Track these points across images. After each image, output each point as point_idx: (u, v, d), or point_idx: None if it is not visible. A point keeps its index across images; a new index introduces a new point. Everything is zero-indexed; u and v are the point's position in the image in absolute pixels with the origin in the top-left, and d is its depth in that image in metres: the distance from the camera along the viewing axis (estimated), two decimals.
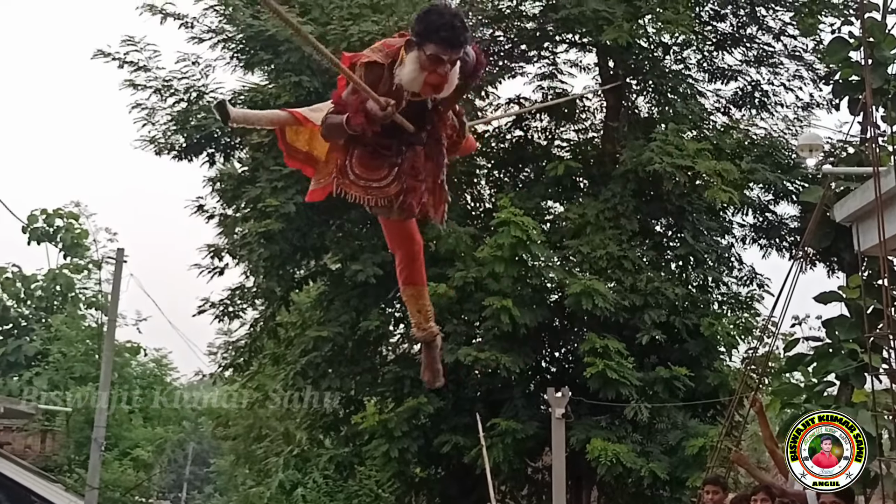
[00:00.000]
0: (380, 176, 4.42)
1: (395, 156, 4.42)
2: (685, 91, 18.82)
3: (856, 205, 10.90)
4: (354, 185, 4.45)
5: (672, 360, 16.34)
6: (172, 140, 18.27)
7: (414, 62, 4.06)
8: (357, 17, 17.55)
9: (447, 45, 4.04)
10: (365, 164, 4.42)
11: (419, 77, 4.06)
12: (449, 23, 4.07)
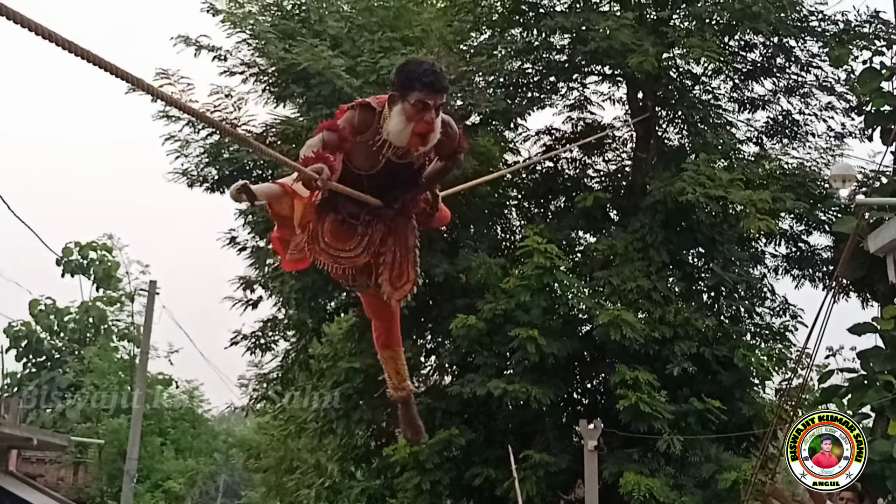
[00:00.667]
0: (349, 246, 4.46)
1: (364, 226, 4.46)
2: (715, 121, 18.80)
3: (890, 235, 10.84)
4: (324, 253, 4.47)
5: (705, 392, 16.21)
6: (205, 172, 18.40)
7: (399, 114, 4.09)
8: (387, 50, 17.71)
9: (430, 90, 4.07)
10: (335, 233, 4.45)
11: (406, 129, 4.08)
12: (429, 69, 4.13)
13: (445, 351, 18.00)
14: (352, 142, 4.19)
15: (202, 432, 35.46)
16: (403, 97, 4.09)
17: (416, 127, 4.08)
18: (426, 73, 4.09)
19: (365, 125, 4.20)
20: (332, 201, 4.39)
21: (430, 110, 4.08)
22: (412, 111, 4.07)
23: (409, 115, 4.07)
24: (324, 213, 4.43)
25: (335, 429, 18.60)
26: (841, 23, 18.68)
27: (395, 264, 4.57)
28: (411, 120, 4.07)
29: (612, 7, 19.11)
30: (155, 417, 31.47)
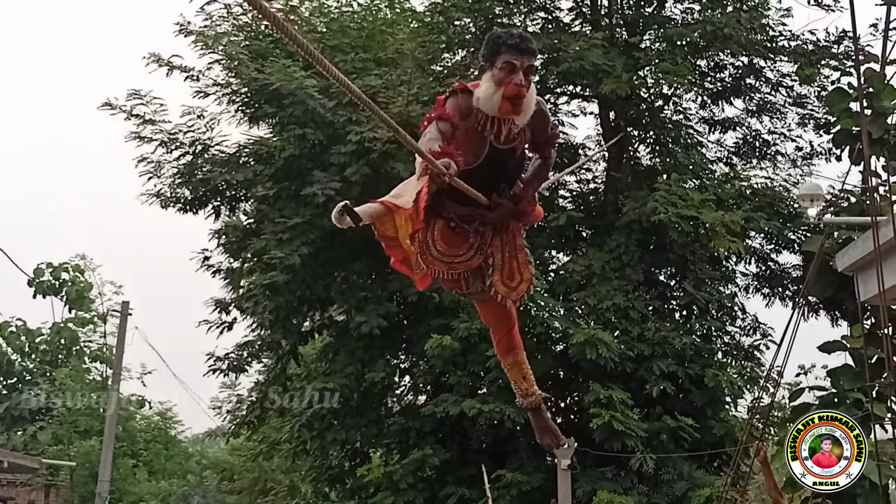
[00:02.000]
0: (462, 250, 4.38)
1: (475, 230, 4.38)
2: (686, 141, 18.98)
3: (857, 254, 10.92)
4: (438, 262, 4.37)
5: (677, 411, 16.31)
6: (178, 193, 18.37)
7: (488, 80, 4.09)
8: (360, 70, 17.77)
9: (517, 51, 4.07)
10: (446, 240, 4.35)
11: (496, 94, 4.06)
12: (515, 33, 4.17)
13: (419, 370, 18.02)
14: (461, 128, 4.15)
15: (175, 454, 35.25)
16: (492, 64, 4.10)
17: (506, 90, 4.05)
18: (511, 37, 4.11)
19: (468, 109, 4.16)
20: (439, 206, 4.30)
21: (518, 72, 4.05)
22: (500, 74, 4.05)
23: (497, 78, 4.06)
24: (432, 221, 4.33)
25: (309, 449, 18.56)
26: (810, 43, 18.93)
27: (505, 264, 4.50)
28: (500, 84, 4.05)
29: (584, 28, 19.28)
30: (128, 439, 31.26)
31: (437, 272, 4.40)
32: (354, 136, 16.48)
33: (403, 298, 17.04)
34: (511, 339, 4.79)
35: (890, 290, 9.17)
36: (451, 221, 4.33)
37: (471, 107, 4.16)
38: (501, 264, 4.48)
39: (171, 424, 35.17)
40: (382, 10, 20.45)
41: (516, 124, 4.21)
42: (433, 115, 4.16)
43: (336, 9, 20.03)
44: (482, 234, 4.41)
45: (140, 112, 18.30)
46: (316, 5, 20.05)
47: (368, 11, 20.05)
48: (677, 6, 19.77)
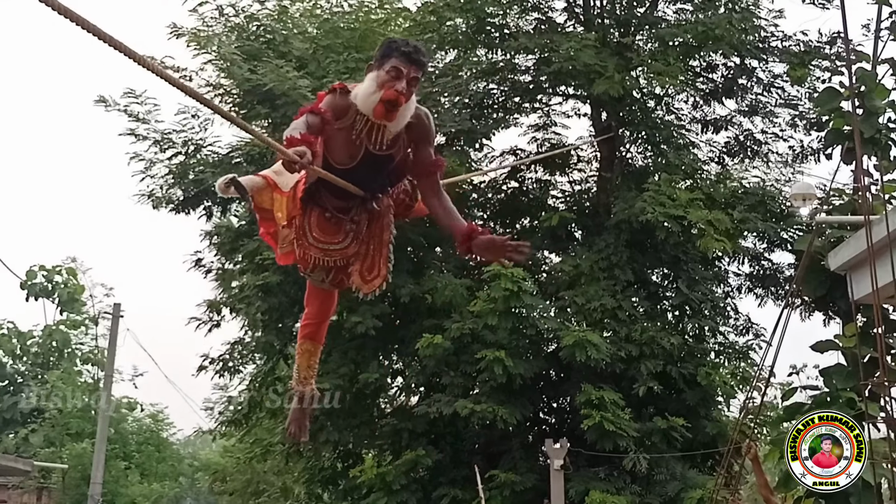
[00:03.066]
0: (337, 239, 4.45)
1: (351, 220, 4.45)
2: (678, 141, 18.99)
3: (849, 253, 10.93)
4: (313, 248, 4.45)
5: (669, 411, 16.31)
6: (170, 193, 18.36)
7: (372, 80, 4.08)
8: (353, 70, 17.75)
9: (407, 59, 4.07)
10: (322, 228, 4.44)
11: (375, 95, 4.04)
12: (410, 43, 4.17)
13: (412, 371, 18.00)
14: (332, 126, 4.14)
15: (167, 456, 35.18)
16: (380, 66, 4.09)
17: (385, 93, 4.04)
18: (405, 44, 4.12)
19: (344, 109, 4.16)
20: (316, 196, 4.37)
21: (402, 79, 4.05)
22: (384, 77, 4.04)
23: (380, 80, 4.05)
24: (309, 208, 4.41)
25: (301, 450, 18.52)
26: (802, 43, 18.95)
27: (368, 257, 4.55)
28: (381, 86, 4.04)
29: (576, 28, 19.28)
30: (120, 441, 31.19)
31: (312, 258, 4.46)
32: None
33: (396, 299, 17.02)
34: (319, 330, 4.90)
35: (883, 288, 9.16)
36: (326, 211, 4.40)
37: (347, 107, 4.16)
38: (364, 256, 4.54)
39: (162, 426, 35.09)
40: (374, 9, 20.43)
41: (389, 131, 4.20)
42: (305, 108, 4.16)
43: (327, 10, 20.02)
44: (358, 223, 4.46)
45: (134, 111, 18.31)
46: (308, 6, 20.02)
47: (360, 11, 20.02)
48: (669, 7, 19.80)
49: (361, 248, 4.53)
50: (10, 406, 33.35)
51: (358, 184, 4.30)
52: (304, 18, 19.91)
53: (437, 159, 4.42)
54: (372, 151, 4.23)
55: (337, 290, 4.78)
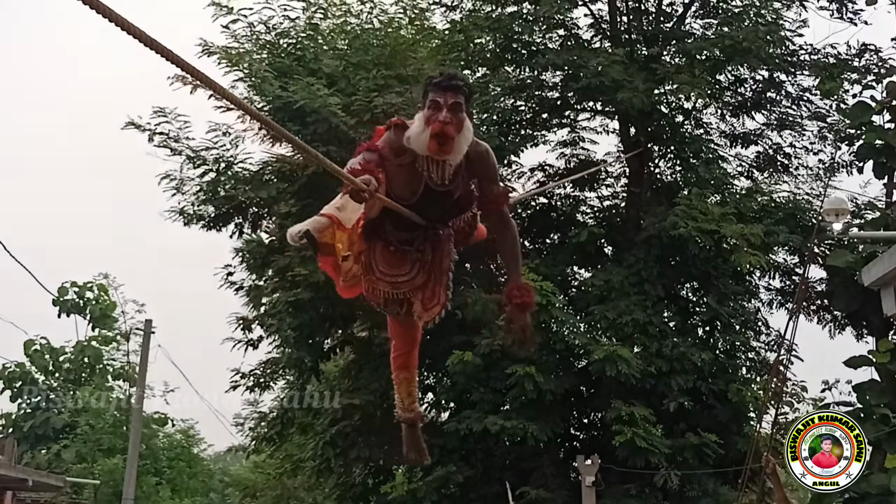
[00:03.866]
0: (404, 270, 4.48)
1: (416, 251, 4.48)
2: (707, 156, 18.94)
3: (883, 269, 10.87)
4: (381, 281, 4.49)
5: (701, 426, 16.23)
6: (201, 210, 18.47)
7: (419, 120, 4.12)
8: (382, 88, 17.83)
9: (440, 88, 4.11)
10: (388, 261, 4.47)
11: (425, 132, 4.07)
12: (444, 73, 4.23)
13: (442, 387, 18.00)
14: (391, 162, 4.18)
15: (198, 471, 35.29)
16: (423, 104, 4.15)
17: (433, 128, 4.06)
18: (438, 76, 4.18)
19: (401, 146, 4.19)
20: (379, 230, 4.41)
21: (442, 109, 4.07)
22: (427, 113, 4.09)
23: (425, 117, 4.09)
24: (372, 242, 4.46)
25: (332, 467, 18.54)
26: (831, 57, 18.88)
27: (429, 286, 4.57)
28: (427, 122, 4.08)
29: (603, 44, 19.30)
30: (151, 457, 31.32)
31: (381, 291, 4.51)
32: None
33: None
34: (410, 358, 5.03)
35: None
36: (390, 244, 4.44)
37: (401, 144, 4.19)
38: (425, 285, 4.56)
39: (193, 442, 35.21)
40: (404, 28, 20.52)
41: (449, 165, 4.23)
42: (363, 146, 4.23)
43: (357, 26, 20.12)
44: (423, 252, 4.49)
45: (164, 130, 18.44)
46: (338, 23, 20.13)
47: (390, 29, 20.12)
48: (696, 21, 19.79)
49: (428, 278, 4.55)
50: (42, 422, 33.53)
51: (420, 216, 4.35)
52: (334, 35, 20.02)
53: (502, 192, 4.46)
54: (432, 187, 4.27)
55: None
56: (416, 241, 4.46)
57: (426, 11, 20.50)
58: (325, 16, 20.01)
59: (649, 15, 19.71)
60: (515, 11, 18.87)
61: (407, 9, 20.50)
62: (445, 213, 4.48)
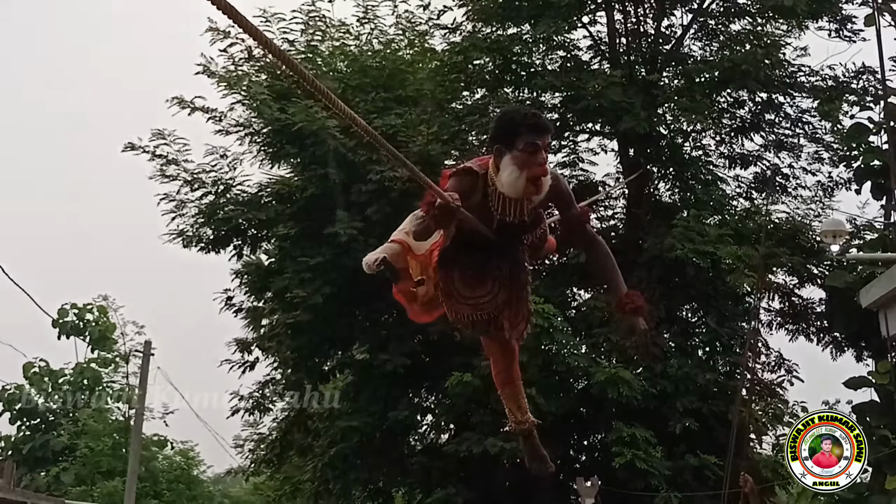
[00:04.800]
0: (484, 291, 4.46)
1: (494, 269, 4.46)
2: (706, 177, 18.95)
3: (881, 290, 10.88)
4: (464, 305, 4.48)
5: (701, 448, 16.16)
6: (200, 232, 18.49)
7: (509, 164, 4.02)
8: (381, 110, 17.89)
9: (537, 130, 4.04)
10: (467, 283, 4.45)
11: (521, 177, 4.01)
12: (529, 112, 4.15)
13: (442, 409, 17.96)
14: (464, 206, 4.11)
15: (197, 494, 35.13)
16: (510, 146, 4.03)
17: (530, 172, 4.02)
18: (528, 117, 4.09)
19: (469, 191, 4.14)
20: (453, 259, 4.40)
21: (541, 151, 4.03)
22: (523, 157, 4.01)
23: (520, 161, 4.01)
24: (448, 269, 4.44)
25: (332, 489, 18.48)
26: (829, 78, 18.93)
27: (512, 303, 4.57)
28: (524, 167, 4.01)
29: (602, 66, 19.35)
30: (150, 479, 31.19)
31: (465, 315, 4.50)
32: (375, 175, 16.57)
33: (425, 336, 17.02)
34: (511, 371, 5.02)
35: None
36: (466, 268, 4.42)
37: (473, 187, 4.16)
38: (510, 303, 4.57)
39: (193, 464, 35.07)
40: (402, 49, 20.59)
41: (532, 201, 4.21)
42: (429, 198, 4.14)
43: (356, 48, 20.19)
44: (501, 269, 4.48)
45: (163, 152, 18.49)
46: (337, 45, 20.20)
47: (388, 51, 20.19)
48: (695, 43, 19.85)
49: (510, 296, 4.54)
50: (41, 444, 33.40)
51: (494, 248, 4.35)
52: (334, 56, 20.08)
53: (582, 212, 4.48)
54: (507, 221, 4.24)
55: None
56: (493, 261, 4.44)
57: (425, 35, 20.58)
58: (323, 38, 20.08)
59: (648, 37, 19.76)
60: (515, 33, 18.92)
61: (406, 31, 20.59)
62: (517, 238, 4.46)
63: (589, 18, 19.52)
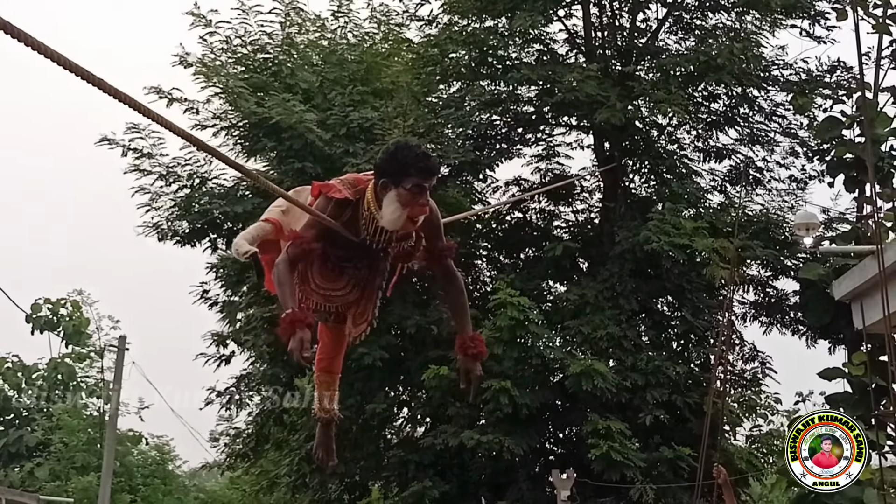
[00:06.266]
0: (339, 286, 4.57)
1: (354, 268, 4.56)
2: (680, 170, 19.04)
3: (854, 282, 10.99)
4: (315, 294, 4.57)
5: (675, 440, 16.26)
6: (175, 226, 18.40)
7: (394, 201, 4.08)
8: (358, 103, 17.87)
9: (427, 174, 4.10)
10: (324, 275, 4.54)
11: (402, 215, 4.10)
12: (421, 154, 4.15)
13: (418, 402, 17.98)
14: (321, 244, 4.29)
15: (173, 488, 35.03)
16: (398, 183, 4.07)
17: (412, 211, 4.11)
18: (420, 158, 4.10)
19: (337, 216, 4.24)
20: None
21: (425, 193, 4.11)
22: (407, 196, 4.06)
23: (404, 200, 4.06)
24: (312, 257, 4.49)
25: (308, 483, 18.48)
26: (803, 72, 19.05)
27: (361, 303, 4.68)
28: (407, 205, 4.08)
29: (578, 59, 19.40)
30: (125, 474, 31.09)
31: (315, 303, 4.60)
32: (351, 168, 16.55)
33: (402, 330, 17.04)
34: (335, 363, 5.13)
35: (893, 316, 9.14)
36: (328, 259, 4.51)
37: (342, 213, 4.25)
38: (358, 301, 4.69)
39: (168, 459, 34.97)
40: (378, 42, 20.58)
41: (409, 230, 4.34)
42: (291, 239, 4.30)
43: (333, 42, 20.16)
44: (360, 270, 4.59)
45: (138, 146, 18.39)
46: (314, 39, 20.16)
47: (365, 45, 20.17)
48: (671, 37, 19.94)
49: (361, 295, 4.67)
50: (15, 440, 33.26)
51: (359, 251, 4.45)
52: (310, 50, 20.04)
53: (447, 247, 4.52)
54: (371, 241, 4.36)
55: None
56: (354, 259, 4.53)
57: (401, 26, 20.58)
58: (299, 31, 20.04)
59: (623, 30, 19.83)
60: (491, 26, 18.95)
61: (381, 24, 20.57)
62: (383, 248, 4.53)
63: (565, 12, 19.56)
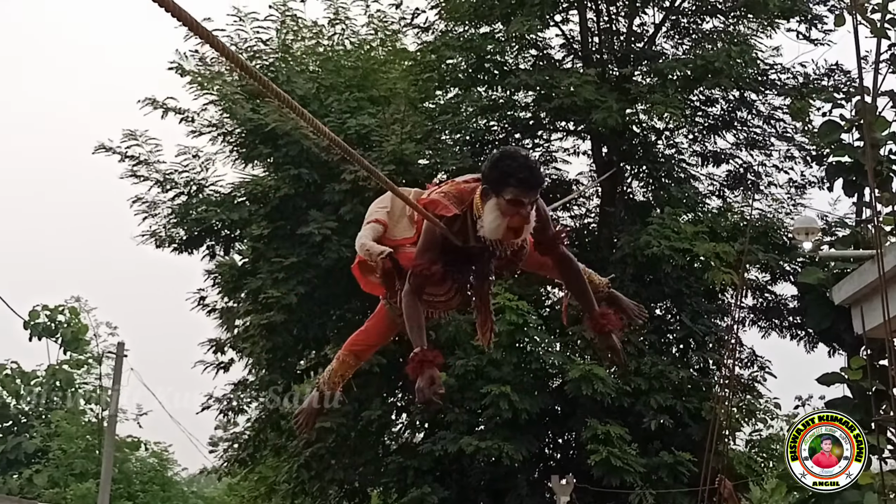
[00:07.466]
0: (442, 291, 4.53)
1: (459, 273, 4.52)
2: (679, 175, 19.02)
3: (853, 287, 10.95)
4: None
5: (675, 445, 16.23)
6: (173, 233, 18.40)
7: (493, 210, 4.04)
8: (355, 110, 17.85)
9: (527, 187, 4.00)
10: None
11: (502, 224, 4.04)
12: (524, 164, 4.06)
13: (416, 408, 17.93)
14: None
15: (172, 495, 35.02)
16: (498, 192, 4.01)
17: (511, 222, 4.04)
18: (521, 170, 4.01)
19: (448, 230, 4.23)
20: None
21: (525, 206, 4.03)
22: (507, 207, 4.01)
23: (504, 210, 4.01)
24: None
25: (307, 489, 18.43)
26: (800, 76, 19.05)
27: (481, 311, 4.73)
28: (506, 215, 4.02)
29: (575, 64, 19.38)
30: (124, 481, 31.06)
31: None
32: (349, 174, 16.53)
33: (399, 336, 16.98)
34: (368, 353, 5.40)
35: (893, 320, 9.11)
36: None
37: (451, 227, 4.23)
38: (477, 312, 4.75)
39: (167, 465, 34.94)
40: (375, 48, 20.56)
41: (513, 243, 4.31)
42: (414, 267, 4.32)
43: (329, 48, 20.15)
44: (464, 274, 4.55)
45: (135, 153, 18.41)
46: (310, 45, 20.15)
47: (362, 51, 20.16)
48: (668, 41, 19.92)
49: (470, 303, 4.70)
50: (14, 447, 33.23)
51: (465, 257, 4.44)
52: (307, 56, 20.03)
53: (557, 234, 4.49)
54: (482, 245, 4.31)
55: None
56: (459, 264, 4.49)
57: (398, 33, 20.57)
58: (296, 38, 20.03)
59: (620, 35, 19.81)
60: (488, 32, 18.93)
61: (378, 30, 20.56)
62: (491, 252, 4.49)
63: (561, 17, 19.55)
